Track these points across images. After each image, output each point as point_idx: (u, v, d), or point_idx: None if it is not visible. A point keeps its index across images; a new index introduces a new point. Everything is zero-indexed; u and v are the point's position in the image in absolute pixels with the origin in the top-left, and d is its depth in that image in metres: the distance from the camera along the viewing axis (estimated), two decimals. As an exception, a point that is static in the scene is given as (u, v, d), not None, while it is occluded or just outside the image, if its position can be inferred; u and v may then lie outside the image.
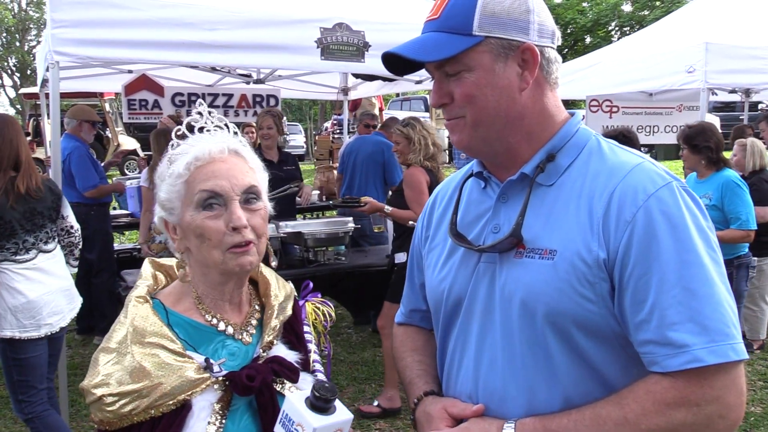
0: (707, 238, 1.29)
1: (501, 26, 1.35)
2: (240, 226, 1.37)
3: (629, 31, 25.54)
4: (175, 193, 1.40)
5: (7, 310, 3.56)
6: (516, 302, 1.37)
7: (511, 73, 1.37)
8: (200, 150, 1.40)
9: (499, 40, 1.36)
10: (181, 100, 7.60)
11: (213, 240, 1.37)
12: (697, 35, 6.30)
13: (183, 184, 1.39)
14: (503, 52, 1.36)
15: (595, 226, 1.31)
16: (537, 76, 1.40)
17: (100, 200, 6.49)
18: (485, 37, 1.35)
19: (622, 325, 1.31)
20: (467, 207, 1.56)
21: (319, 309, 1.69)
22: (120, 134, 17.36)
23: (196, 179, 1.38)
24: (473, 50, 1.35)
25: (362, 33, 4.72)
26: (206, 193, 1.37)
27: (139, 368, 1.32)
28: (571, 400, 1.34)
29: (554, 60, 1.44)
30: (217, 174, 1.39)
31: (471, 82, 1.37)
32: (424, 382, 1.59)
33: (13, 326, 3.57)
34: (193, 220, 1.38)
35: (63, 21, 4.02)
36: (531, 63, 1.38)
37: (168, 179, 1.41)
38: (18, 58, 39.78)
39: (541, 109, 1.43)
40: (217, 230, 1.36)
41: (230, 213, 1.37)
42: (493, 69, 1.36)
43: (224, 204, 1.38)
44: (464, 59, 1.36)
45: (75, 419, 4.72)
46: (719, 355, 1.21)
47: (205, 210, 1.37)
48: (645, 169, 1.35)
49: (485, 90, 1.37)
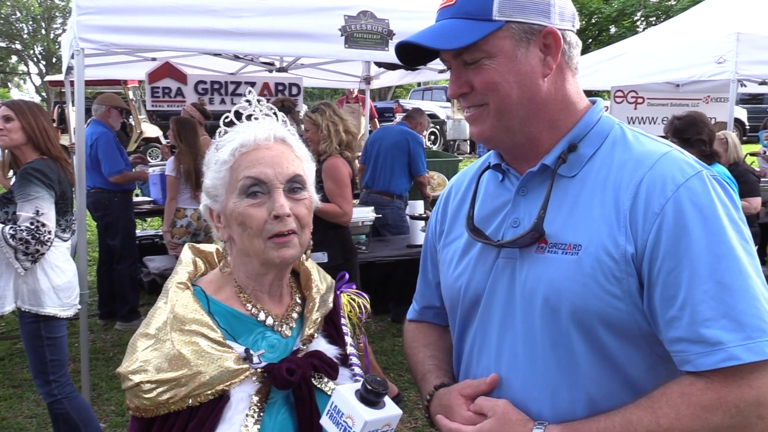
0: (740, 230, 1.24)
1: (521, 10, 1.30)
2: (282, 214, 1.34)
3: (655, 21, 25.17)
4: (219, 180, 1.39)
5: (50, 289, 3.61)
6: (538, 299, 1.32)
7: (534, 59, 1.32)
8: (246, 137, 1.38)
9: (520, 24, 1.31)
10: (204, 88, 7.63)
11: (254, 228, 1.35)
12: (727, 25, 6.19)
13: (227, 170, 1.38)
14: (525, 36, 1.31)
15: (621, 218, 1.26)
16: (559, 62, 1.35)
17: (123, 187, 6.56)
18: (506, 21, 1.30)
19: (651, 323, 1.26)
20: (484, 200, 1.51)
21: (354, 301, 1.65)
22: (143, 122, 17.48)
23: (241, 166, 1.37)
24: (493, 36, 1.30)
25: (386, 21, 4.69)
26: (250, 180, 1.35)
27: (179, 356, 1.30)
28: (594, 401, 1.29)
29: (575, 44, 1.39)
30: (262, 161, 1.37)
31: (493, 70, 1.32)
32: (436, 377, 1.54)
33: (55, 304, 3.62)
34: (236, 207, 1.36)
35: (88, 8, 4.03)
36: (554, 47, 1.33)
37: (213, 166, 1.40)
38: (44, 46, 40.26)
39: (564, 96, 1.38)
40: (259, 218, 1.35)
41: (273, 201, 1.35)
42: (515, 55, 1.31)
43: (268, 192, 1.36)
44: (484, 46, 1.31)
45: (96, 403, 4.77)
46: (756, 352, 1.15)
47: (248, 197, 1.36)
48: (673, 158, 1.29)
49: (508, 77, 1.31)
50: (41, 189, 3.52)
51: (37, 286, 3.57)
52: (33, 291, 3.56)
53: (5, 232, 3.42)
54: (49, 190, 3.55)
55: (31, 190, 3.50)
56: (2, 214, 3.57)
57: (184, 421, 1.30)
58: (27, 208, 3.48)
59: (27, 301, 3.56)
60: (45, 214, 3.49)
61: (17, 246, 3.43)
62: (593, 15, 28.48)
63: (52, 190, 3.58)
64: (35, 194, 3.51)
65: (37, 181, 3.52)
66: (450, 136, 19.22)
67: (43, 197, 3.52)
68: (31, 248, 3.47)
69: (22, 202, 3.49)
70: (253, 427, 1.31)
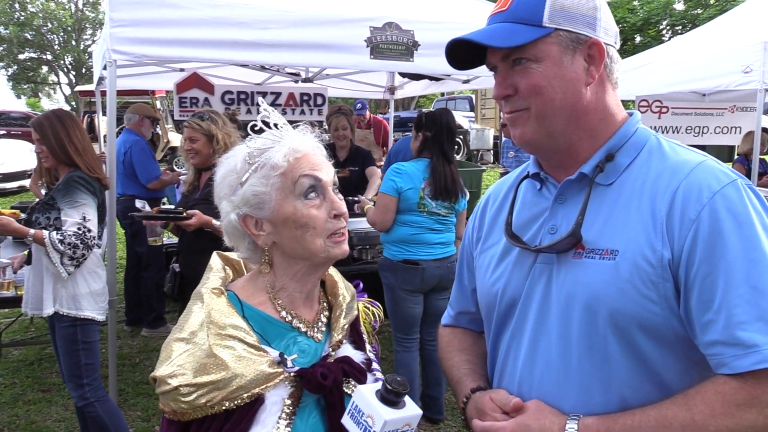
0: None
1: (570, 19, 1.36)
2: (342, 212, 1.42)
3: (681, 31, 24.97)
4: (269, 186, 1.40)
5: (88, 293, 3.72)
6: (577, 304, 1.35)
7: (578, 67, 1.38)
8: (295, 142, 1.43)
9: (568, 33, 1.37)
10: (230, 98, 7.72)
11: (318, 228, 1.40)
12: (754, 34, 6.13)
13: (279, 176, 1.40)
14: (571, 45, 1.37)
15: (658, 225, 1.30)
16: (601, 73, 1.40)
17: (153, 195, 6.67)
18: (555, 28, 1.36)
19: (687, 327, 1.28)
20: (522, 208, 1.55)
21: (368, 309, 1.70)
22: (170, 131, 17.72)
23: (295, 169, 1.40)
24: (542, 41, 1.36)
25: (412, 32, 4.72)
26: (310, 179, 1.40)
27: (217, 359, 1.32)
28: (627, 404, 1.32)
29: (616, 60, 1.44)
30: (315, 165, 1.42)
31: (539, 73, 1.37)
32: (472, 380, 1.57)
33: (93, 308, 3.73)
34: (297, 210, 1.40)
35: (121, 20, 4.12)
36: (597, 58, 1.39)
37: (258, 172, 1.41)
38: (74, 56, 40.96)
39: (604, 106, 1.43)
40: (321, 218, 1.41)
41: (330, 201, 1.42)
42: (561, 61, 1.37)
43: (321, 193, 1.42)
44: (532, 50, 1.37)
45: (122, 409, 4.80)
46: None
47: (307, 200, 1.40)
48: (708, 167, 1.33)
49: (553, 81, 1.37)
50: (87, 196, 3.64)
51: (77, 291, 3.66)
52: (72, 295, 3.66)
53: (53, 237, 3.51)
54: (93, 198, 3.67)
55: (78, 197, 3.61)
56: (44, 219, 3.67)
57: (219, 423, 1.32)
58: (74, 214, 3.59)
59: (66, 305, 3.65)
60: (91, 221, 3.62)
61: (65, 250, 3.53)
62: (619, 24, 28.17)
63: (96, 197, 3.70)
64: (82, 201, 3.61)
65: (83, 188, 3.63)
66: (473, 146, 19.20)
67: (89, 204, 3.64)
68: (78, 253, 3.57)
69: (68, 208, 3.60)
70: (285, 429, 1.34)
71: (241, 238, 1.48)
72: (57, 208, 3.64)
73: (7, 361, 5.98)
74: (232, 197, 1.44)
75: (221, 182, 1.47)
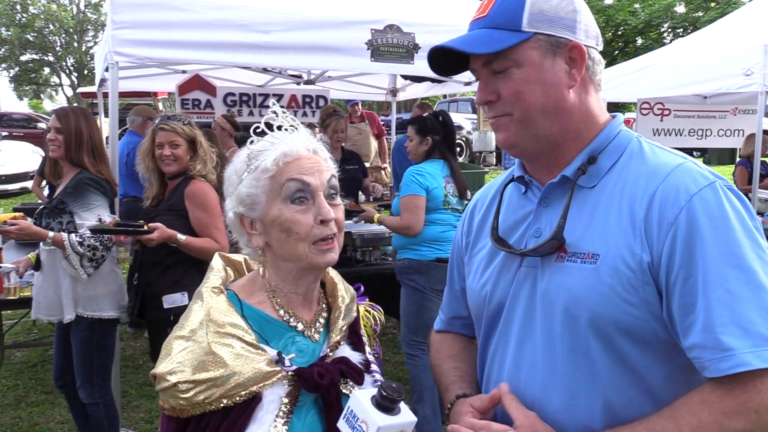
0: (754, 238, 1.26)
1: (549, 23, 1.36)
2: (328, 218, 1.41)
3: (682, 33, 24.98)
4: (259, 188, 1.43)
5: (108, 293, 3.73)
6: (558, 307, 1.36)
7: (560, 70, 1.38)
8: (288, 146, 1.43)
9: (548, 36, 1.36)
10: (232, 99, 7.75)
11: (301, 233, 1.40)
12: (755, 37, 6.13)
13: (269, 179, 1.42)
14: (551, 49, 1.37)
15: (637, 228, 1.30)
16: (583, 76, 1.40)
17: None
18: (534, 33, 1.36)
19: (672, 331, 1.28)
20: (507, 212, 1.55)
21: (369, 312, 1.71)
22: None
23: (284, 173, 1.41)
24: (522, 46, 1.36)
25: (412, 35, 4.74)
26: (297, 183, 1.41)
27: (215, 357, 1.33)
28: (612, 407, 1.32)
29: (599, 62, 1.44)
30: (304, 170, 1.42)
31: (519, 79, 1.37)
32: (458, 387, 1.57)
33: (114, 307, 3.75)
34: (282, 213, 1.41)
35: (123, 23, 4.13)
36: (578, 61, 1.38)
37: (251, 174, 1.44)
38: (76, 58, 41.07)
39: (587, 108, 1.43)
40: (306, 224, 1.40)
41: (318, 206, 1.42)
42: (542, 65, 1.36)
43: (311, 198, 1.42)
44: (512, 55, 1.36)
45: (126, 410, 4.84)
46: (764, 359, 1.17)
47: (293, 204, 1.41)
48: (687, 169, 1.32)
49: (534, 86, 1.36)
50: (99, 197, 3.65)
51: (96, 292, 3.67)
52: (92, 297, 3.66)
53: (73, 239, 3.51)
54: (105, 198, 3.69)
55: (91, 199, 3.62)
56: (56, 225, 3.64)
57: (218, 420, 1.34)
58: (89, 217, 3.60)
59: (86, 307, 3.66)
60: (106, 222, 3.61)
61: (85, 253, 3.54)
62: (620, 26, 28.33)
63: (107, 197, 3.71)
64: (96, 203, 3.63)
65: (94, 189, 3.64)
66: (476, 147, 19.21)
67: (102, 205, 3.66)
68: (98, 254, 3.58)
69: (82, 211, 3.60)
70: (282, 427, 1.35)
71: (241, 235, 1.52)
72: (69, 212, 3.63)
73: (10, 363, 5.99)
74: (232, 195, 1.48)
75: (228, 179, 1.51)
